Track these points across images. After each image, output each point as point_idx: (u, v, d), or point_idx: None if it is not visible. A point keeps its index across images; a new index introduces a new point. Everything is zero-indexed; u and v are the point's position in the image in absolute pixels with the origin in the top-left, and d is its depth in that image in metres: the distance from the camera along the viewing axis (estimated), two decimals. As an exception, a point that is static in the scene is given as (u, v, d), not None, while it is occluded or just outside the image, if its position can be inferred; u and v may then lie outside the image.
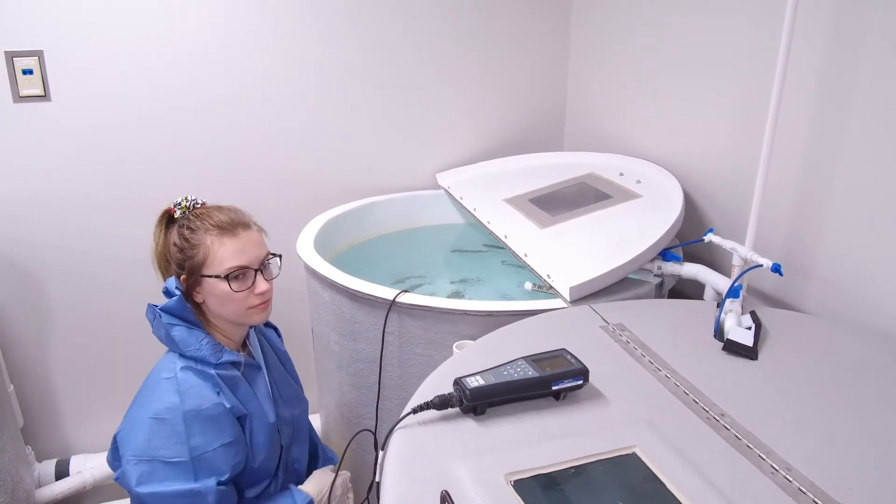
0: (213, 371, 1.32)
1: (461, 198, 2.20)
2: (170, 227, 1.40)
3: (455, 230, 2.41)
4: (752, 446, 1.03)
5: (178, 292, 1.33)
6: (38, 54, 1.98)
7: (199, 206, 1.40)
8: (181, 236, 1.36)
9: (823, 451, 1.02)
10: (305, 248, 1.85)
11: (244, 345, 1.47)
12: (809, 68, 1.50)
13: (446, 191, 2.35)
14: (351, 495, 1.61)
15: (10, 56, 1.96)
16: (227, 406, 1.30)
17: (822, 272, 1.55)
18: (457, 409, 1.06)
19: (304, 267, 1.84)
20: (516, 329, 1.37)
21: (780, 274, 1.44)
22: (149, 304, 1.34)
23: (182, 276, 1.36)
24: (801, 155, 1.56)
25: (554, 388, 1.08)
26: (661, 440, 1.03)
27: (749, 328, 1.35)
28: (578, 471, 0.97)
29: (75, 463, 2.28)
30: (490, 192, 2.17)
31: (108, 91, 2.07)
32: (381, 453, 0.98)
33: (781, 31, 1.38)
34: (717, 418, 1.10)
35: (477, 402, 1.04)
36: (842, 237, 1.49)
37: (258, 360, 1.45)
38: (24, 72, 1.99)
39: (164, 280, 1.40)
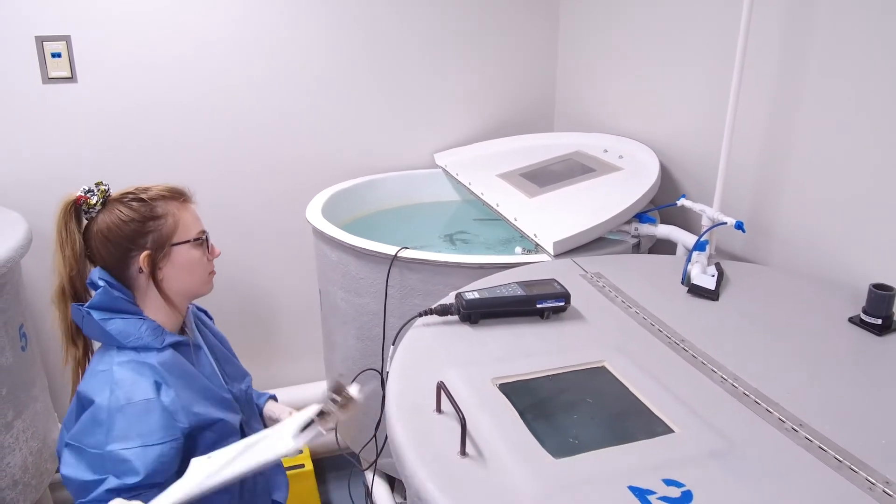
0: (154, 361, 1.24)
1: (457, 174, 2.37)
2: (90, 216, 1.30)
3: (451, 207, 2.58)
4: (705, 363, 1.20)
5: (102, 283, 1.25)
6: (66, 38, 2.14)
7: (108, 191, 1.32)
8: (136, 210, 1.28)
9: (767, 366, 1.19)
10: (314, 215, 2.01)
11: (183, 329, 1.41)
12: (769, 52, 1.67)
13: (443, 169, 2.52)
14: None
15: (40, 40, 2.12)
16: (166, 401, 1.21)
17: (781, 233, 1.72)
18: (455, 318, 1.24)
19: (313, 231, 2.00)
20: (505, 277, 1.53)
21: (743, 231, 1.61)
22: (73, 306, 1.28)
23: (145, 254, 1.27)
24: (762, 128, 1.73)
25: (538, 305, 1.25)
26: (628, 357, 1.20)
27: (713, 276, 1.51)
28: (555, 378, 1.14)
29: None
30: (484, 169, 2.34)
31: (130, 74, 2.23)
32: (392, 348, 1.14)
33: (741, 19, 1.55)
34: (678, 343, 1.26)
35: (471, 310, 1.21)
36: (798, 201, 1.66)
37: (198, 340, 1.41)
38: (53, 55, 2.15)
39: (67, 281, 1.30)
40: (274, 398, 1.66)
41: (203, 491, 1.09)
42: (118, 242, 1.27)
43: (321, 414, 1.14)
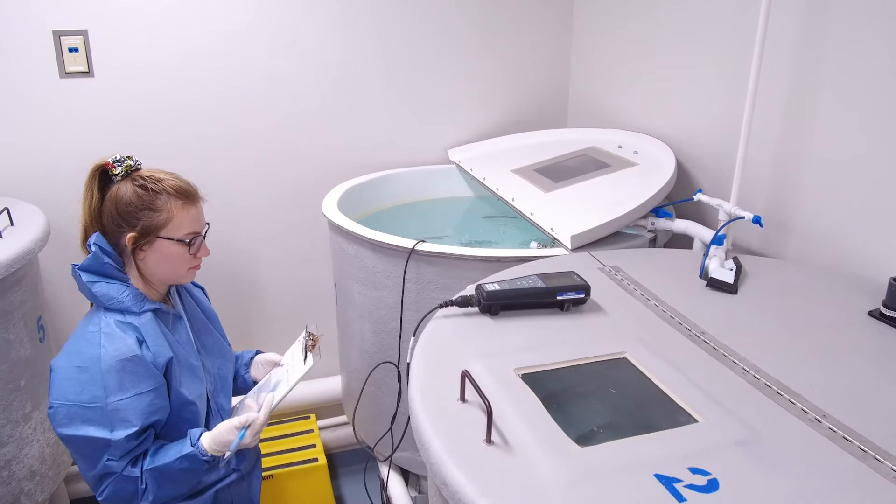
0: (136, 322, 1.38)
1: (471, 170, 2.37)
2: (106, 184, 1.42)
3: (465, 202, 2.58)
4: (726, 354, 1.20)
5: (95, 248, 1.38)
6: (83, 34, 2.16)
7: (139, 167, 1.43)
8: (139, 196, 1.39)
9: (788, 359, 1.19)
10: (330, 209, 2.02)
11: (166, 299, 1.52)
12: (785, 48, 1.66)
13: (458, 165, 2.52)
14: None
15: (58, 35, 2.13)
16: (148, 357, 1.35)
17: (798, 226, 1.71)
18: (475, 309, 1.24)
19: (329, 225, 2.01)
20: (522, 270, 1.54)
21: (761, 225, 1.61)
22: (72, 265, 1.40)
23: (130, 235, 1.39)
24: (778, 122, 1.72)
25: (559, 297, 1.25)
26: (649, 349, 1.20)
27: (731, 270, 1.51)
28: (577, 369, 1.14)
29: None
30: (498, 165, 2.34)
31: (147, 69, 2.24)
32: (413, 339, 1.15)
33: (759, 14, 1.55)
34: (699, 335, 1.27)
35: (492, 302, 1.22)
36: (816, 195, 1.66)
37: (178, 311, 1.52)
38: (70, 49, 2.16)
39: (82, 229, 1.45)
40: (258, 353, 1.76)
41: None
42: (114, 216, 1.40)
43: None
